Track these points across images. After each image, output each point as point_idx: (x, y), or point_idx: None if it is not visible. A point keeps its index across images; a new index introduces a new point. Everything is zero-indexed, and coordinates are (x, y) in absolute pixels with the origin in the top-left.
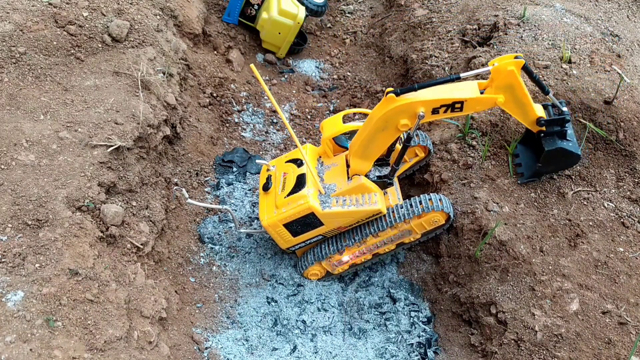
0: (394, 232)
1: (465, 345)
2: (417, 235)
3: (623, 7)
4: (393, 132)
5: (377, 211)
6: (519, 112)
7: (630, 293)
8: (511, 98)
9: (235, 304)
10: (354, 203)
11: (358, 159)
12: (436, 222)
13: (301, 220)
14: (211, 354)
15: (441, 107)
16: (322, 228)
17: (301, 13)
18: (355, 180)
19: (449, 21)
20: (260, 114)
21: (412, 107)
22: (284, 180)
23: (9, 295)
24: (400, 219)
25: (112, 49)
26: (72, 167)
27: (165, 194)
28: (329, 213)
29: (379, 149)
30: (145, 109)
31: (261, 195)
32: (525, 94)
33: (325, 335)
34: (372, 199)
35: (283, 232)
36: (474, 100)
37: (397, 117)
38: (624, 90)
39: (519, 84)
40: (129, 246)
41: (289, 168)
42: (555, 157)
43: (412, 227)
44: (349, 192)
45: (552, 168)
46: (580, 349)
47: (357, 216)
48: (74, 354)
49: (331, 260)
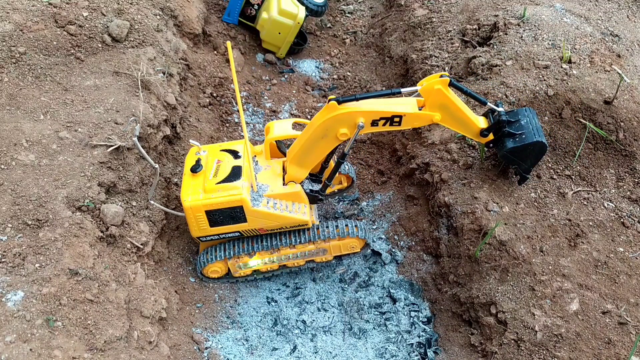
0: (311, 247)
1: (465, 345)
2: (330, 257)
3: (623, 7)
4: (332, 141)
5: (303, 222)
6: (460, 127)
7: (630, 293)
8: (447, 115)
9: (235, 304)
10: (284, 208)
11: (295, 165)
12: (352, 247)
13: (227, 211)
14: (211, 354)
15: (381, 120)
16: (243, 225)
17: (301, 13)
18: (291, 186)
19: (449, 21)
20: (260, 114)
21: (352, 116)
22: (217, 167)
23: (9, 295)
24: (322, 237)
25: (112, 49)
26: (72, 167)
27: (165, 194)
28: (258, 211)
29: (317, 157)
30: (145, 109)
31: (187, 176)
32: (459, 109)
33: (325, 335)
34: (302, 209)
35: (202, 219)
36: (413, 116)
37: (337, 126)
38: (624, 90)
39: (450, 102)
40: (129, 246)
41: (223, 157)
42: (514, 156)
43: (329, 247)
44: (283, 196)
45: (526, 163)
46: (580, 349)
47: (283, 222)
48: (74, 354)
49: (238, 260)
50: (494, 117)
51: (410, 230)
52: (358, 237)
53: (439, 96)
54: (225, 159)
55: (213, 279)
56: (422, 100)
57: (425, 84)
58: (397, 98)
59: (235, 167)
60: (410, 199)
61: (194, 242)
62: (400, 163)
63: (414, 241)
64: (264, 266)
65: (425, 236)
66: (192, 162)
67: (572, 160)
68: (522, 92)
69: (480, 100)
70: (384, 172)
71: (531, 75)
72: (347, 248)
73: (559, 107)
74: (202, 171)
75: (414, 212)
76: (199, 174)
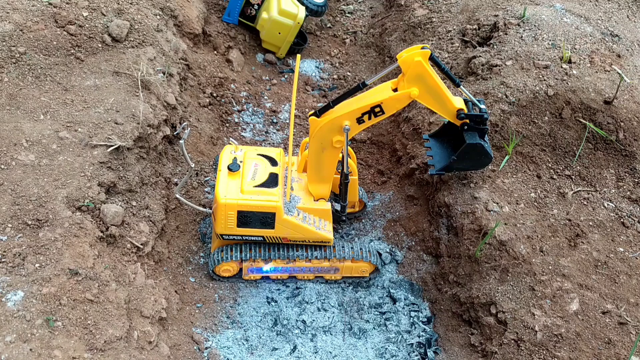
0: (326, 264)
1: (465, 345)
2: (339, 277)
3: (623, 7)
4: (332, 151)
5: (327, 239)
6: (436, 104)
7: (630, 293)
8: (425, 89)
9: (235, 304)
10: (312, 223)
11: (315, 183)
12: (363, 271)
13: (259, 214)
14: (211, 354)
15: (364, 115)
16: (270, 231)
17: (301, 13)
18: (322, 203)
19: (449, 21)
20: (260, 114)
21: (336, 123)
22: (255, 170)
23: (9, 295)
24: (338, 255)
25: (112, 49)
26: (72, 167)
27: (165, 194)
28: (288, 221)
29: (329, 170)
30: (145, 109)
31: (223, 173)
32: (437, 84)
33: (325, 335)
34: (328, 227)
35: (232, 217)
36: (390, 99)
37: (328, 136)
38: (624, 90)
39: (428, 74)
40: (129, 246)
41: (260, 162)
42: (473, 152)
43: (342, 267)
44: (313, 211)
45: (465, 164)
46: (580, 349)
47: (309, 236)
48: (74, 354)
49: (253, 264)
50: (473, 109)
51: (410, 230)
52: (370, 262)
53: (418, 68)
54: (262, 164)
55: (222, 278)
56: (396, 81)
57: (405, 55)
58: (371, 89)
59: (273, 174)
60: (410, 199)
61: (194, 242)
62: (400, 163)
63: (414, 241)
64: (274, 274)
65: (425, 236)
66: (227, 160)
67: (572, 160)
68: (522, 92)
69: (454, 80)
70: (384, 172)
71: (531, 75)
72: (358, 271)
73: (559, 107)
74: (239, 171)
75: (414, 212)
76: (236, 173)
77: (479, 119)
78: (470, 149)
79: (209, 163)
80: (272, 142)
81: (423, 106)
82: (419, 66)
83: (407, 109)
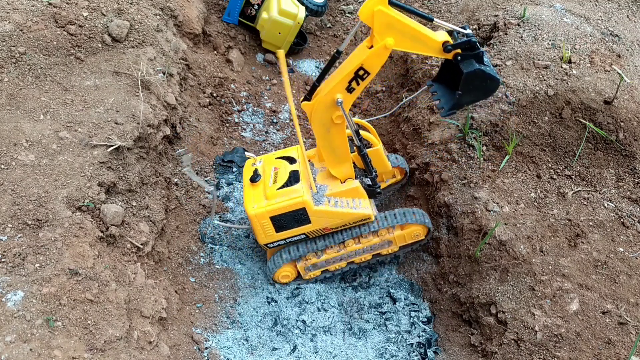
0: (376, 240)
1: (465, 345)
2: (395, 248)
3: (623, 7)
4: (337, 128)
5: (366, 216)
6: (417, 45)
7: (630, 293)
8: (399, 35)
9: (235, 304)
10: (346, 205)
11: (335, 165)
12: (417, 235)
13: (290, 214)
14: (211, 354)
15: (351, 83)
16: (308, 226)
17: (301, 13)
18: (349, 183)
19: (449, 21)
20: (260, 114)
21: (328, 99)
22: (275, 174)
23: (9, 295)
24: (384, 225)
25: (112, 49)
26: (72, 167)
27: (165, 194)
28: (320, 211)
29: (342, 147)
30: (145, 109)
31: (247, 186)
32: (409, 25)
33: (325, 335)
34: (363, 203)
35: (267, 225)
36: (369, 57)
37: (326, 115)
38: (624, 90)
39: (396, 20)
40: (129, 246)
41: (279, 164)
42: (475, 80)
43: (393, 238)
44: (342, 194)
45: (472, 96)
46: (580, 349)
47: (347, 218)
48: (74, 354)
49: (307, 262)
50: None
51: None
52: (417, 224)
53: (382, 17)
54: (281, 165)
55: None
56: (369, 38)
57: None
58: (349, 55)
59: (293, 171)
60: (410, 198)
61: (194, 242)
62: None
63: None
64: (332, 265)
65: None
66: (250, 172)
67: (572, 160)
68: (522, 92)
69: (425, 17)
70: None
71: (531, 75)
72: (412, 237)
73: (559, 107)
74: (261, 180)
75: None
76: (258, 183)
77: (467, 45)
78: (470, 77)
79: (209, 163)
80: (272, 142)
81: (423, 106)
82: (381, 15)
83: (407, 109)
